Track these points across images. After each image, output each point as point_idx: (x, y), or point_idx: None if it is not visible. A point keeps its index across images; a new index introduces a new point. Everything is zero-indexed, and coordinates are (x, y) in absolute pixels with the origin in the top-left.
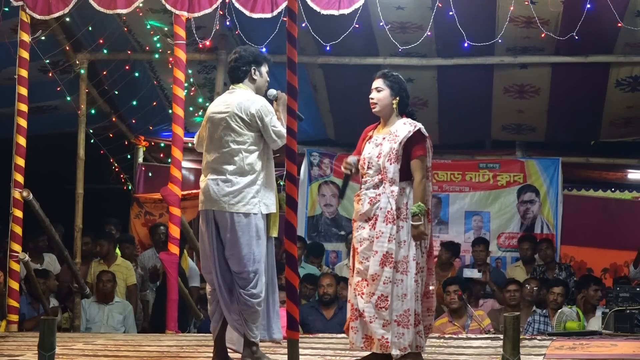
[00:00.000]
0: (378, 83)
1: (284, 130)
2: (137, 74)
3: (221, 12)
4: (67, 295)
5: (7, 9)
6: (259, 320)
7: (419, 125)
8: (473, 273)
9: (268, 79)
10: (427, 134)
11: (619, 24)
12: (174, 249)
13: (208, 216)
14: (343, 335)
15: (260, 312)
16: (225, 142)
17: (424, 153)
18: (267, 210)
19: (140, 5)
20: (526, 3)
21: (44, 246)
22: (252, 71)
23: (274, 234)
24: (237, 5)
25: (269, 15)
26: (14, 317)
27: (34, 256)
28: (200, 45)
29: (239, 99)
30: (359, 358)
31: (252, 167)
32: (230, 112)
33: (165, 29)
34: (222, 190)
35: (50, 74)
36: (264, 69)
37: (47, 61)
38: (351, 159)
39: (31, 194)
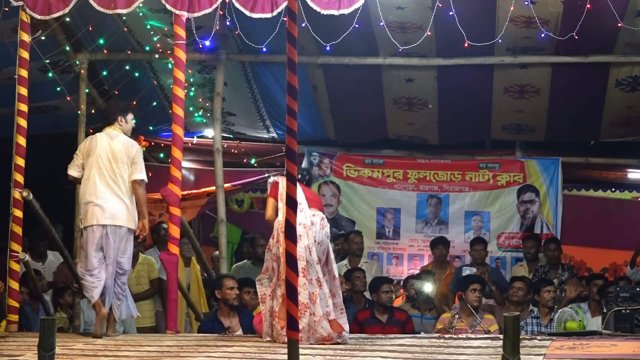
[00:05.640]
0: None
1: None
2: (137, 74)
3: (221, 12)
4: (62, 294)
5: (7, 9)
6: None
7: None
8: (472, 272)
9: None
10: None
11: (619, 24)
12: (174, 249)
13: (113, 229)
14: None
15: None
16: (120, 171)
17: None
18: None
19: (140, 5)
20: (526, 3)
21: (44, 250)
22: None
23: None
24: (237, 5)
25: (269, 15)
26: (14, 317)
27: (35, 256)
28: (200, 45)
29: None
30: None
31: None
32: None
33: (166, 28)
34: (123, 209)
35: (50, 74)
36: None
37: (47, 61)
38: None
39: (31, 194)
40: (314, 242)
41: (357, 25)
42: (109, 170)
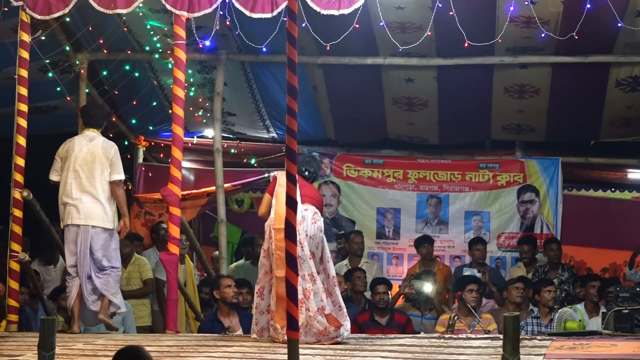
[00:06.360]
0: None
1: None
2: (137, 74)
3: (221, 12)
4: (57, 297)
5: (7, 9)
6: None
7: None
8: (473, 273)
9: None
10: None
11: (619, 24)
12: (174, 249)
13: (87, 229)
14: None
15: None
16: (97, 172)
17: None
18: None
19: (140, 5)
20: (526, 3)
21: (55, 254)
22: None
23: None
24: (237, 5)
25: (269, 15)
26: (14, 317)
27: (47, 262)
28: (200, 45)
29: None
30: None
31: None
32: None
33: (165, 28)
34: (98, 209)
35: (50, 74)
36: None
37: (47, 61)
38: None
39: (31, 194)
40: (305, 236)
41: (357, 25)
42: (86, 172)
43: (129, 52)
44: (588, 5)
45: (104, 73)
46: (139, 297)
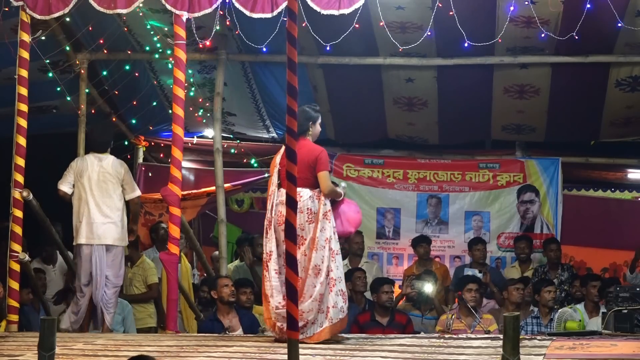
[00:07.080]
0: None
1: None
2: (137, 74)
3: (221, 12)
4: (64, 295)
5: (7, 9)
6: None
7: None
8: (474, 273)
9: None
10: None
11: (619, 24)
12: (174, 249)
13: (101, 248)
14: (343, 335)
15: None
16: (109, 192)
17: None
18: None
19: (140, 5)
20: (526, 3)
21: (53, 253)
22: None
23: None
24: (237, 5)
25: (269, 15)
26: (14, 317)
27: (46, 260)
28: (200, 45)
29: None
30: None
31: None
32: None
33: (165, 29)
34: (112, 228)
35: (50, 74)
36: None
37: (47, 61)
38: None
39: (31, 194)
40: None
41: (357, 25)
42: (101, 191)
43: (129, 52)
44: (588, 5)
45: (104, 73)
46: (143, 302)
